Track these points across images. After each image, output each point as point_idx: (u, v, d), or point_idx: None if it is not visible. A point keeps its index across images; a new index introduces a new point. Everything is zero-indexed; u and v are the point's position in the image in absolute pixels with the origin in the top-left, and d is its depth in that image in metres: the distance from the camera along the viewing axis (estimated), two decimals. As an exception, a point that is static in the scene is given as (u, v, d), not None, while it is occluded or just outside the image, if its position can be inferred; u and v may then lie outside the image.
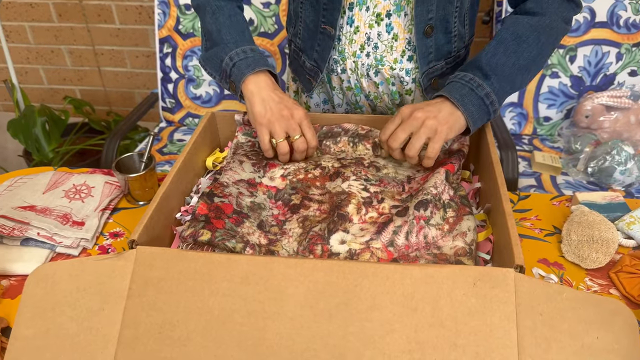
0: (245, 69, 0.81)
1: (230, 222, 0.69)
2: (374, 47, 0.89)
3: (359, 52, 0.90)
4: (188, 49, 1.70)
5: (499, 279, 0.57)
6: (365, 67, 0.91)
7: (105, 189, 0.97)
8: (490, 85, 0.76)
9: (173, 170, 0.75)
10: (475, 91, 0.75)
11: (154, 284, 0.60)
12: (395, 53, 0.89)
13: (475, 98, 0.75)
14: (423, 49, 0.87)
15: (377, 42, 0.88)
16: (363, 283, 0.57)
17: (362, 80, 0.93)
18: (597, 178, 1.41)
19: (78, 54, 2.28)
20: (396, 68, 0.90)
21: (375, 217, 0.70)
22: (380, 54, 0.89)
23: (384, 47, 0.88)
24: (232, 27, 0.86)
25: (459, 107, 0.74)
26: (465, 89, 0.76)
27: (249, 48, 0.84)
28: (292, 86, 1.12)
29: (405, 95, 0.94)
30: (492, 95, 0.76)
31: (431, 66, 0.90)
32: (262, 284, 0.58)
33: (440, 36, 0.87)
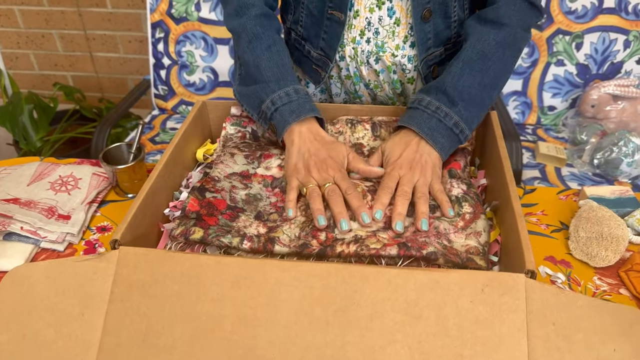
0: (289, 117, 0.74)
1: (224, 218, 0.65)
2: (375, 32, 0.84)
3: (358, 38, 0.85)
4: (181, 34, 1.65)
5: (509, 285, 0.53)
6: (365, 54, 0.86)
7: (92, 181, 0.93)
8: (458, 113, 0.72)
9: (160, 163, 0.70)
10: (444, 121, 0.72)
11: (138, 288, 0.56)
12: (397, 39, 0.84)
13: (444, 129, 0.72)
14: (421, 35, 0.82)
15: (378, 27, 0.83)
16: (363, 288, 0.53)
17: (362, 68, 0.88)
18: (603, 170, 1.37)
19: (69, 38, 2.22)
20: (398, 55, 0.85)
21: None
22: (382, 40, 0.84)
23: (385, 33, 0.83)
24: (272, 60, 0.78)
25: (429, 141, 0.71)
26: (432, 120, 0.72)
27: (293, 89, 0.76)
28: None
29: (407, 84, 0.89)
30: (461, 124, 0.72)
31: (430, 53, 0.85)
32: (254, 288, 0.54)
33: (438, 21, 0.82)
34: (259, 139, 0.82)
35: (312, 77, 0.94)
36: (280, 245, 0.61)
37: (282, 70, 0.78)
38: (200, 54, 1.66)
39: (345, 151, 0.74)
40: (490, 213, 0.70)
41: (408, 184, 0.67)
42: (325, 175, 0.70)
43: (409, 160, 0.70)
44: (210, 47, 1.65)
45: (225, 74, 1.67)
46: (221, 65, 1.66)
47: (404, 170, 0.69)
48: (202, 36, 1.64)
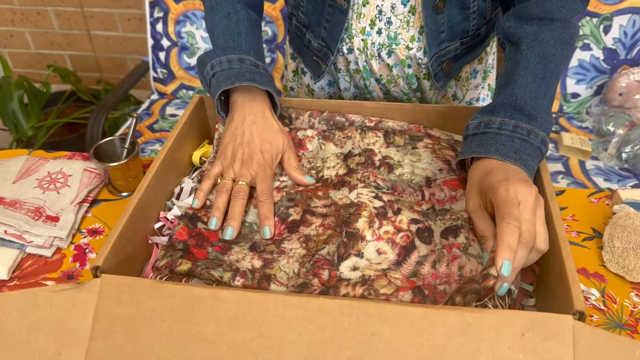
0: (222, 83, 0.68)
1: (215, 251, 0.57)
2: (387, 22, 0.74)
3: (368, 29, 0.76)
4: (181, 13, 1.55)
5: (554, 329, 0.45)
6: (376, 47, 0.77)
7: (84, 178, 0.87)
8: (541, 127, 0.60)
9: (151, 171, 0.62)
10: (530, 141, 0.59)
11: (122, 323, 0.49)
12: (412, 30, 0.75)
13: (532, 149, 0.59)
14: (433, 27, 0.73)
15: (390, 16, 0.74)
16: (382, 331, 0.46)
17: (372, 62, 0.79)
18: (632, 164, 1.28)
19: (66, 16, 2.13)
20: (413, 47, 0.76)
21: (392, 233, 0.58)
22: (395, 31, 0.75)
23: (399, 23, 0.74)
24: (226, 28, 0.72)
25: (521, 167, 0.57)
26: (515, 141, 0.58)
27: (237, 58, 0.69)
28: (290, 65, 0.97)
29: (423, 79, 0.80)
30: (545, 137, 0.60)
31: (443, 47, 0.75)
32: (255, 328, 0.47)
33: (454, 11, 0.72)
34: None
35: (312, 69, 0.86)
36: (277, 284, 0.53)
37: (234, 38, 0.72)
38: (201, 34, 1.56)
39: (282, 147, 0.68)
40: None
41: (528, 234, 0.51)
42: (246, 171, 0.65)
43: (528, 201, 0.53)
44: (211, 28, 1.56)
45: (228, 57, 1.58)
46: (223, 47, 1.57)
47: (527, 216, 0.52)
48: (204, 15, 1.54)
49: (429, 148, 0.69)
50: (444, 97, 0.85)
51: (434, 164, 0.68)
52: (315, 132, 0.73)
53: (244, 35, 0.72)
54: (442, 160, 0.68)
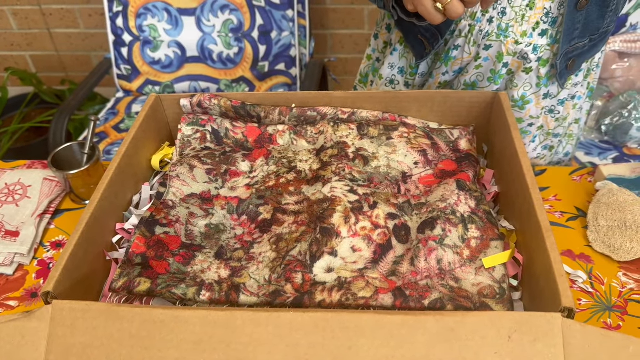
0: None
1: (177, 262, 0.53)
2: (501, 12, 0.71)
3: (479, 15, 0.72)
4: (141, 6, 1.48)
5: (542, 328, 0.42)
6: (482, 35, 0.73)
7: (44, 188, 0.84)
8: None
9: (105, 179, 0.58)
10: None
11: (78, 354, 0.45)
12: (525, 24, 0.71)
13: None
14: (570, 24, 0.70)
15: (506, 6, 0.71)
16: (359, 344, 0.42)
17: (472, 49, 0.75)
18: (612, 136, 1.26)
19: (24, 15, 2.04)
20: (522, 43, 0.73)
21: (369, 229, 0.55)
22: (507, 23, 0.71)
23: (514, 15, 0.71)
24: None
25: None
26: None
27: None
28: (383, 35, 0.89)
29: (521, 72, 0.77)
30: None
31: (573, 44, 0.72)
32: (221, 350, 0.43)
33: (594, 9, 0.70)
34: (223, 140, 0.69)
35: (414, 47, 0.80)
36: (247, 294, 0.49)
37: None
38: (164, 27, 1.50)
39: None
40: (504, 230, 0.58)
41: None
42: None
43: None
44: (174, 20, 1.49)
45: (194, 49, 1.52)
46: (188, 39, 1.50)
47: None
48: (165, 7, 1.47)
49: (405, 138, 0.66)
50: (534, 94, 0.80)
51: (409, 156, 0.65)
52: (286, 127, 0.69)
53: None
54: (417, 151, 0.65)
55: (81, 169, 0.77)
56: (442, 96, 0.68)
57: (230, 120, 0.70)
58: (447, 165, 0.63)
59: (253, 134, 0.69)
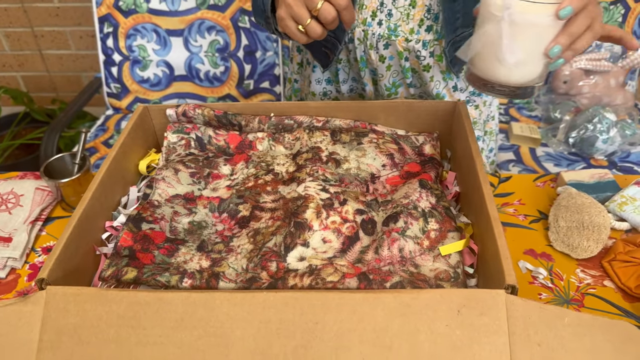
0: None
1: (162, 254, 0.58)
2: (388, 14, 0.77)
3: (369, 20, 0.78)
4: (131, 27, 1.54)
5: (488, 303, 0.47)
6: (376, 38, 0.79)
7: (36, 197, 0.86)
8: None
9: (95, 181, 0.63)
10: None
11: (70, 333, 0.49)
12: (411, 22, 0.77)
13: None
14: (449, 14, 0.75)
15: (391, 8, 0.77)
16: (325, 319, 0.47)
17: (371, 52, 0.81)
18: (579, 148, 1.33)
19: (16, 37, 2.09)
20: (412, 40, 0.78)
21: (338, 223, 0.60)
22: (395, 23, 0.77)
23: (399, 15, 0.77)
24: None
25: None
26: None
27: None
28: (296, 57, 0.98)
29: (423, 72, 0.82)
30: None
31: (458, 33, 0.78)
32: (201, 327, 0.48)
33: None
34: (206, 147, 0.75)
35: (320, 60, 0.87)
36: (226, 280, 0.54)
37: None
38: (152, 47, 1.55)
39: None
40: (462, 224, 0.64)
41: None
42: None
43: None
44: (163, 40, 1.55)
45: (182, 68, 1.58)
46: (176, 59, 1.56)
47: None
48: (154, 28, 1.53)
49: (374, 143, 0.71)
50: (445, 88, 0.86)
51: (377, 159, 0.70)
52: (265, 134, 0.74)
53: None
54: (385, 154, 0.70)
55: (72, 177, 0.80)
56: (406, 105, 0.74)
57: (213, 129, 0.75)
58: (412, 167, 0.69)
59: (234, 140, 0.74)
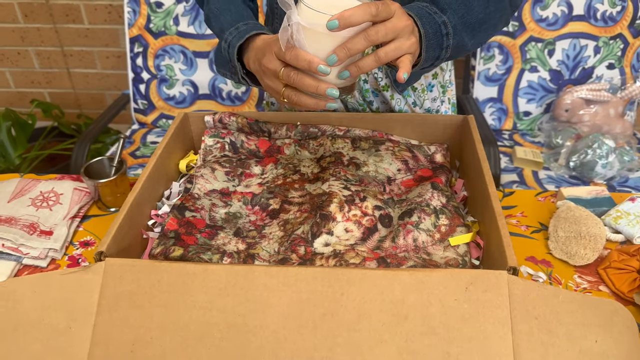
0: (236, 42, 0.68)
1: (203, 237, 0.65)
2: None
3: None
4: (160, 48, 1.65)
5: (492, 282, 0.54)
6: None
7: (74, 196, 0.93)
8: (448, 18, 0.67)
9: (144, 175, 0.70)
10: (434, 16, 0.66)
11: (125, 299, 0.56)
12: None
13: (433, 22, 0.65)
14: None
15: None
16: (349, 291, 0.54)
17: None
18: (579, 172, 1.40)
19: (46, 55, 2.20)
20: None
21: (359, 216, 0.67)
22: None
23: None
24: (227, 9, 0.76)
25: (417, 23, 0.64)
26: (422, 11, 0.66)
27: (243, 23, 0.71)
28: None
29: (383, 91, 0.91)
30: (449, 26, 0.66)
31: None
32: (242, 295, 0.55)
33: None
34: (238, 150, 0.83)
35: None
36: (260, 260, 0.61)
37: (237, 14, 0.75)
38: (179, 67, 1.66)
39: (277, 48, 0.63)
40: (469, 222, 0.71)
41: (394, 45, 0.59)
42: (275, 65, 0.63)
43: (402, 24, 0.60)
44: (189, 61, 1.65)
45: (205, 87, 1.68)
46: (201, 78, 1.66)
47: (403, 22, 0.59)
48: (181, 50, 1.64)
49: (390, 150, 0.79)
50: (406, 104, 0.93)
51: (393, 164, 0.78)
52: (292, 140, 0.83)
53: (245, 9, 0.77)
54: (400, 160, 0.78)
55: (110, 178, 0.88)
56: (421, 118, 0.82)
57: (245, 134, 0.84)
58: (424, 172, 0.77)
59: (264, 145, 0.82)
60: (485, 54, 1.63)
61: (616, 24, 1.57)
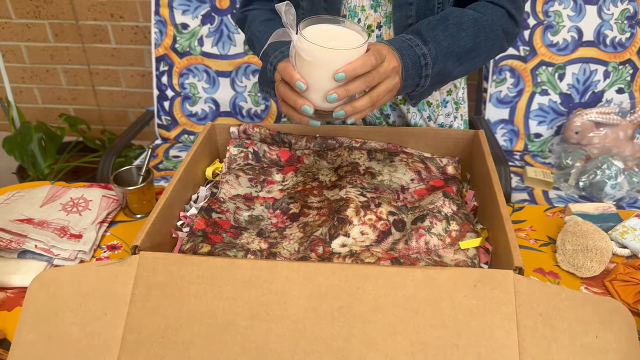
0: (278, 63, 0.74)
1: (229, 236, 0.70)
2: None
3: None
4: (184, 67, 1.72)
5: (499, 280, 0.57)
6: None
7: (102, 202, 0.97)
8: (429, 50, 0.74)
9: (174, 179, 0.76)
10: (414, 49, 0.73)
11: (157, 289, 0.60)
12: None
13: (413, 54, 0.72)
14: None
15: None
16: (365, 285, 0.58)
17: None
18: (589, 192, 1.43)
19: (73, 73, 2.29)
20: None
21: (374, 220, 0.71)
22: None
23: None
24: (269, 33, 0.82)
25: (397, 55, 0.70)
26: (404, 43, 0.73)
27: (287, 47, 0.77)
28: None
29: (401, 105, 0.95)
30: (428, 58, 0.73)
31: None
32: (265, 287, 0.59)
33: None
34: (261, 159, 0.88)
35: None
36: (281, 258, 0.66)
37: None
38: (202, 85, 1.73)
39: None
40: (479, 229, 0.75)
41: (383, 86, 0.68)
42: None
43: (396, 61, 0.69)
44: (212, 80, 1.73)
45: (226, 104, 1.74)
46: (222, 96, 1.73)
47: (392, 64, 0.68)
48: (205, 69, 1.72)
49: (404, 161, 0.84)
50: (421, 118, 0.98)
51: (407, 174, 0.82)
52: (311, 151, 0.88)
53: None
54: (413, 171, 0.83)
55: (138, 186, 0.93)
56: (433, 132, 0.87)
57: (267, 145, 0.89)
58: (436, 182, 0.81)
59: (285, 155, 0.88)
60: (497, 77, 1.68)
61: (625, 49, 1.61)
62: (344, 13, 0.87)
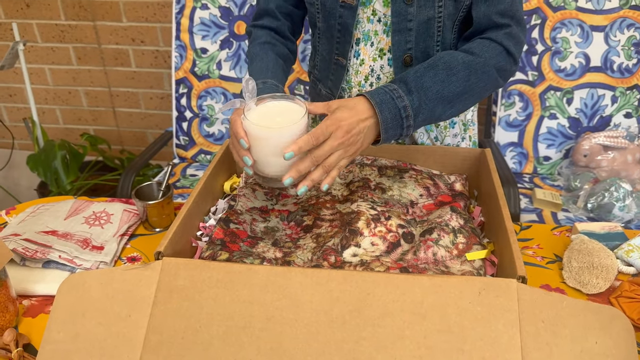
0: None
1: (245, 245, 0.74)
2: (377, 78, 0.96)
3: (363, 82, 0.97)
4: (203, 90, 1.79)
5: (503, 288, 0.60)
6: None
7: (124, 216, 1.01)
8: (410, 101, 0.76)
9: (194, 192, 0.80)
10: (395, 101, 0.75)
11: (178, 292, 0.64)
12: None
13: (394, 107, 0.75)
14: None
15: (379, 73, 0.95)
16: (375, 291, 0.61)
17: None
18: (597, 214, 1.45)
19: (94, 95, 2.37)
20: None
21: (384, 232, 0.75)
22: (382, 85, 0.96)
23: (386, 79, 0.95)
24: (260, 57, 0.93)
25: (376, 110, 0.74)
26: (386, 95, 0.75)
27: (262, 81, 0.88)
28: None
29: None
30: (409, 110, 0.75)
31: None
32: (280, 292, 0.62)
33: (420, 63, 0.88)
34: None
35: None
36: (295, 266, 0.69)
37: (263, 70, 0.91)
38: (219, 107, 1.79)
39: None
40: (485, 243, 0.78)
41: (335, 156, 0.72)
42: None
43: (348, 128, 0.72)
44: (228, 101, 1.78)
45: (242, 126, 1.80)
46: (238, 118, 1.79)
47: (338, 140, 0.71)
48: (222, 92, 1.78)
49: (413, 178, 0.88)
50: (428, 139, 1.03)
51: (416, 190, 0.86)
52: None
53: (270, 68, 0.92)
54: (422, 187, 0.86)
55: (158, 200, 0.97)
56: (442, 150, 0.91)
57: (282, 161, 0.93)
58: (444, 198, 0.85)
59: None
60: (506, 101, 1.72)
61: (632, 75, 1.64)
62: (358, 37, 0.92)
